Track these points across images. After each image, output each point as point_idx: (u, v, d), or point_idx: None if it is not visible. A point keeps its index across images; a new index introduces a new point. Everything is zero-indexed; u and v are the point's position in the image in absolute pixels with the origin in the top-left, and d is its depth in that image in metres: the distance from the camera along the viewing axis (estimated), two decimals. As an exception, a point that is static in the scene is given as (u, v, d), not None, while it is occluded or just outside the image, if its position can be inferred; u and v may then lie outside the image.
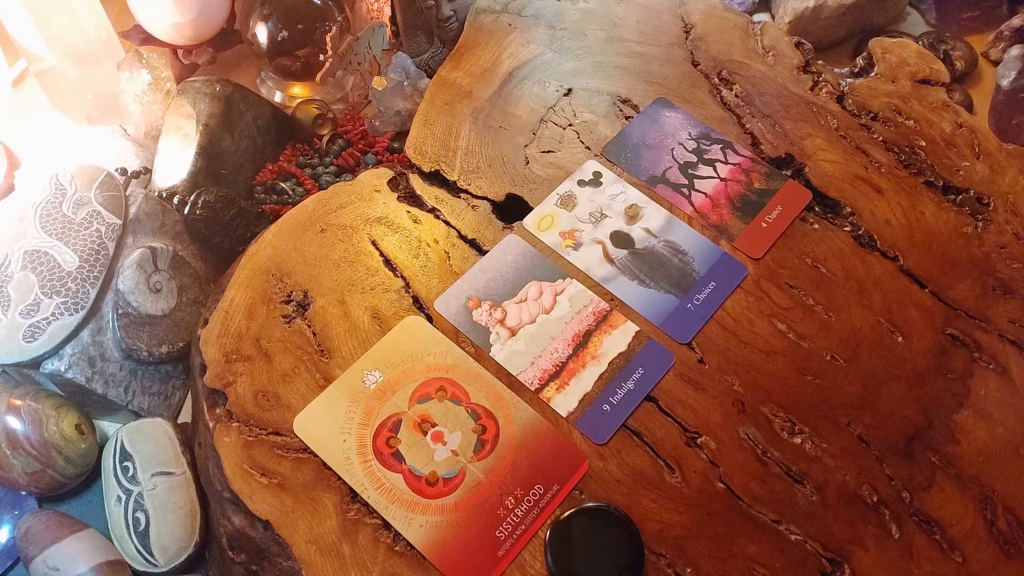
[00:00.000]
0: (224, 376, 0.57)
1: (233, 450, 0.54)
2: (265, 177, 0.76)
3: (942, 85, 0.75)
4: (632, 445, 0.55)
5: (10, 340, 0.59)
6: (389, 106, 0.78)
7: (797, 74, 0.75)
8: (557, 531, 0.51)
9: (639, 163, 0.69)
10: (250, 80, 0.86)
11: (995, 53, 0.90)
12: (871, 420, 0.57)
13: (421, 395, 0.56)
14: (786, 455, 0.55)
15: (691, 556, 0.52)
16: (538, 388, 0.57)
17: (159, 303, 0.64)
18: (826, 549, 0.52)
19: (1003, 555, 0.53)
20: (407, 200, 0.66)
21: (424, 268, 0.62)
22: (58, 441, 0.59)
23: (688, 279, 0.62)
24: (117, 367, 0.63)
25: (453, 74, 0.74)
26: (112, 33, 0.78)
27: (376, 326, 0.59)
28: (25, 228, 0.63)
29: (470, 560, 0.51)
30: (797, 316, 0.61)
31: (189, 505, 0.58)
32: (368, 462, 0.54)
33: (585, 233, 0.65)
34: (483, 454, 0.54)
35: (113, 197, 0.66)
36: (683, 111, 0.72)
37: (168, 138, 0.72)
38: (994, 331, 0.62)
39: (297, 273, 0.62)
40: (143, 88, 0.76)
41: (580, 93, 0.73)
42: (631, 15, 0.79)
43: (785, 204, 0.66)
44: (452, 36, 0.80)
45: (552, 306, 0.61)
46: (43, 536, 0.56)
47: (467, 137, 0.69)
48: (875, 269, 0.64)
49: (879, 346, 0.60)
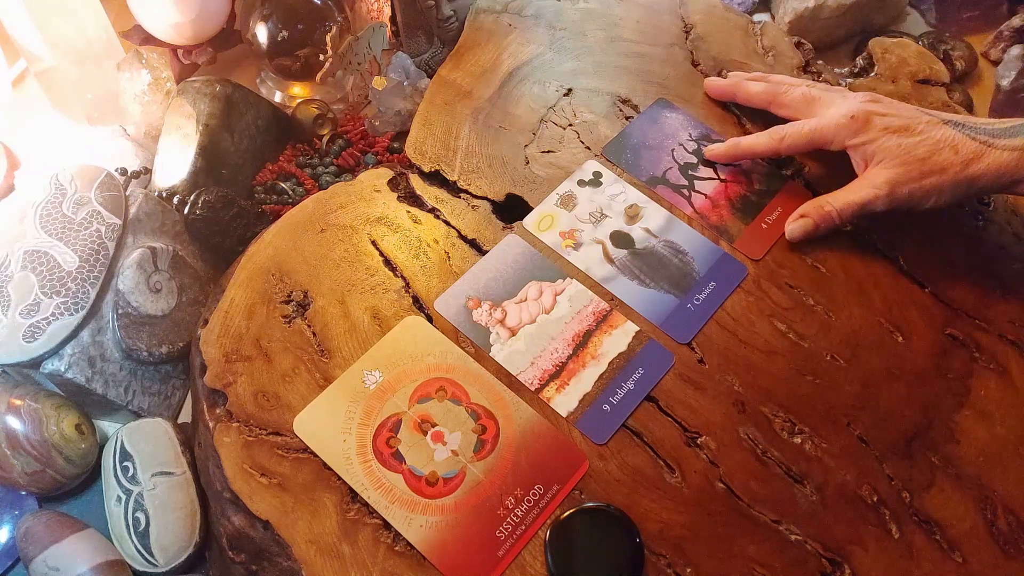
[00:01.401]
0: (224, 376, 0.57)
1: (233, 450, 0.54)
2: (265, 177, 0.76)
3: (942, 85, 0.75)
4: (632, 445, 0.55)
5: (10, 340, 0.59)
6: (389, 106, 0.78)
7: (797, 74, 0.75)
8: (557, 531, 0.51)
9: (639, 164, 0.69)
10: (250, 80, 0.86)
11: (995, 53, 0.90)
12: (871, 420, 0.57)
13: (421, 395, 0.56)
14: (786, 455, 0.55)
15: (691, 556, 0.52)
16: (538, 388, 0.57)
17: (159, 303, 0.64)
18: (826, 549, 0.52)
19: (1003, 555, 0.53)
20: (407, 200, 0.66)
21: (424, 268, 0.62)
22: (58, 441, 0.59)
23: (688, 279, 0.62)
24: (117, 367, 0.63)
25: (453, 74, 0.74)
26: (112, 33, 0.78)
27: (376, 326, 0.59)
28: (25, 228, 0.63)
29: (470, 560, 0.51)
30: (797, 316, 0.61)
31: (189, 505, 0.58)
32: (368, 462, 0.54)
33: (585, 233, 0.65)
34: (483, 454, 0.54)
35: (113, 197, 0.66)
36: (683, 112, 0.72)
37: (168, 138, 0.72)
38: (994, 331, 0.62)
39: (297, 273, 0.62)
40: (143, 88, 0.76)
41: (580, 93, 0.73)
42: (631, 15, 0.79)
43: (785, 205, 0.66)
44: (452, 36, 0.80)
45: (552, 306, 0.61)
46: (43, 536, 0.56)
47: (467, 137, 0.69)
48: (875, 269, 0.64)
49: (879, 346, 0.60)
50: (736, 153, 0.67)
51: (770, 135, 0.66)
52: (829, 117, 0.63)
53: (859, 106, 0.62)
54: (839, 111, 0.63)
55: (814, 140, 0.63)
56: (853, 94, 0.65)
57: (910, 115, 0.61)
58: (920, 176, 0.59)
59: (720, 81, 0.72)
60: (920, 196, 0.60)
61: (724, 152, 0.68)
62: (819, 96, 0.66)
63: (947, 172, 0.58)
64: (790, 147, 0.65)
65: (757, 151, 0.66)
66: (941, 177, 0.58)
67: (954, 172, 0.58)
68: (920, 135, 0.60)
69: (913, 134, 0.60)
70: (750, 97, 0.70)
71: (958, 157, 0.58)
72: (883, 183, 0.60)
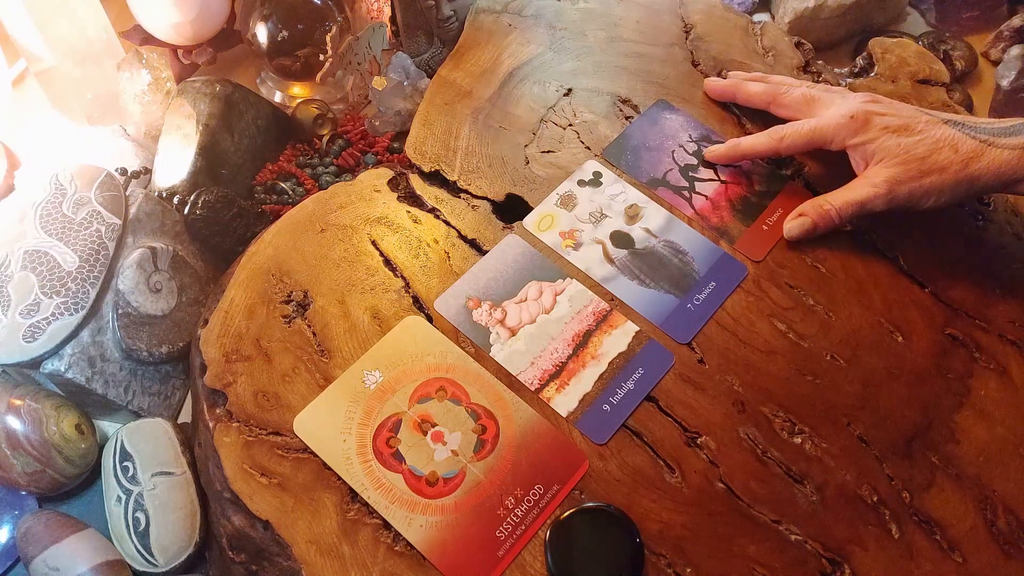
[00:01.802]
0: (224, 376, 0.57)
1: (233, 450, 0.54)
2: (265, 177, 0.76)
3: (942, 85, 0.75)
4: (632, 445, 0.55)
5: (10, 340, 0.59)
6: (389, 106, 0.79)
7: (797, 74, 0.75)
8: (557, 531, 0.51)
9: (639, 165, 0.69)
10: (250, 80, 0.86)
11: (995, 53, 0.90)
12: (871, 420, 0.57)
13: (421, 395, 0.56)
14: (786, 455, 0.55)
15: (691, 556, 0.52)
16: (538, 388, 0.57)
17: (159, 303, 0.64)
18: (826, 549, 0.52)
19: (1003, 555, 0.53)
20: (407, 200, 0.66)
21: (424, 268, 0.62)
22: (58, 441, 0.59)
23: (688, 279, 0.62)
24: (117, 367, 0.63)
25: (453, 74, 0.74)
26: (112, 33, 0.78)
27: (376, 326, 0.59)
28: (25, 228, 0.63)
29: (470, 560, 0.51)
30: (797, 316, 0.61)
31: (189, 505, 0.58)
32: (368, 462, 0.54)
33: (585, 233, 0.65)
34: (483, 454, 0.54)
35: (113, 197, 0.66)
36: (684, 113, 0.72)
37: (168, 138, 0.72)
38: (994, 331, 0.62)
39: (297, 273, 0.62)
40: (143, 88, 0.76)
41: (580, 93, 0.73)
42: (631, 15, 0.79)
43: (786, 206, 0.66)
44: (452, 36, 0.80)
45: (552, 306, 0.61)
46: (43, 536, 0.56)
47: (467, 137, 0.69)
48: (875, 269, 0.64)
49: (879, 346, 0.60)
50: (736, 154, 0.67)
51: (769, 135, 0.66)
52: (829, 117, 0.63)
53: (858, 106, 0.62)
54: (839, 111, 0.63)
55: (813, 140, 0.64)
56: (853, 94, 0.65)
57: (909, 115, 0.61)
58: (920, 175, 0.59)
59: (720, 82, 0.72)
60: (920, 195, 0.59)
61: (724, 153, 0.68)
62: (819, 96, 0.66)
63: (947, 171, 0.58)
64: (790, 147, 0.65)
65: (757, 151, 0.66)
66: (941, 176, 0.58)
67: (954, 171, 0.58)
68: (919, 134, 0.60)
69: (912, 133, 0.60)
70: (750, 97, 0.70)
71: (958, 156, 0.58)
72: (882, 182, 0.60)
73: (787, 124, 0.66)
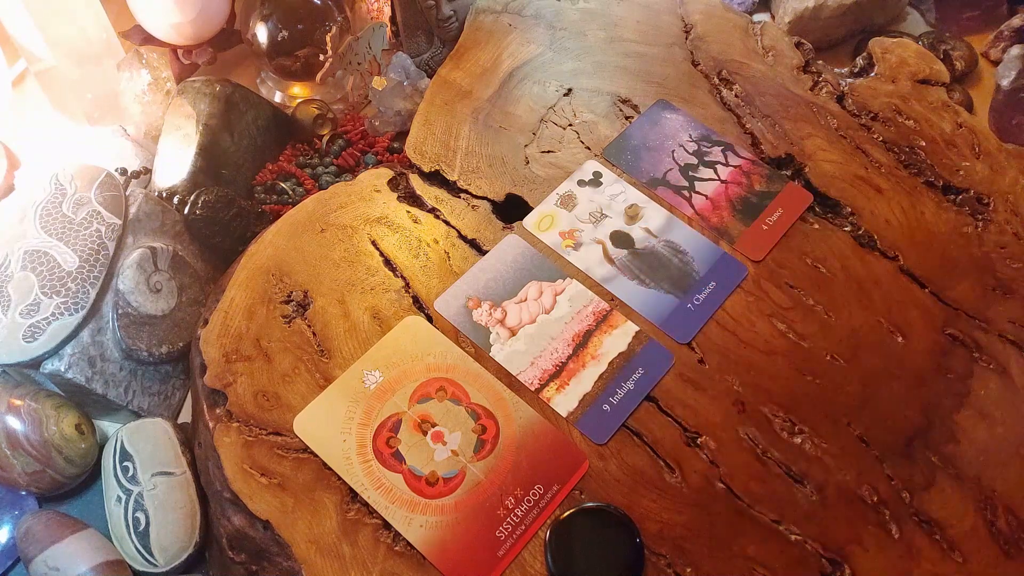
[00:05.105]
0: (224, 376, 0.57)
1: (233, 450, 0.54)
2: (265, 177, 0.76)
3: (942, 85, 0.75)
4: (632, 445, 0.55)
5: (10, 340, 0.59)
6: (389, 106, 0.79)
7: (797, 74, 0.75)
8: (557, 531, 0.51)
9: (639, 165, 0.69)
10: (250, 80, 0.86)
11: (995, 53, 0.90)
12: (871, 420, 0.57)
13: (421, 395, 0.56)
14: (786, 455, 0.55)
15: (691, 556, 0.52)
16: (538, 388, 0.57)
17: (159, 303, 0.64)
18: (826, 549, 0.52)
19: (1003, 555, 0.53)
20: (407, 200, 0.66)
21: (424, 268, 0.62)
22: (58, 441, 0.59)
23: (688, 279, 0.62)
24: (117, 367, 0.63)
25: (453, 74, 0.74)
26: (112, 33, 0.78)
27: (376, 326, 0.59)
28: (25, 228, 0.63)
29: (470, 560, 0.51)
30: (797, 316, 0.61)
31: (189, 505, 0.58)
32: (368, 462, 0.54)
33: (585, 233, 0.65)
34: (483, 454, 0.54)
35: (113, 197, 0.66)
36: (684, 113, 0.72)
37: (168, 138, 0.72)
38: (994, 331, 0.62)
39: (297, 273, 0.62)
40: (143, 88, 0.76)
41: (580, 93, 0.73)
42: (631, 15, 0.79)
43: (786, 207, 0.66)
44: (452, 36, 0.80)
45: (552, 306, 0.61)
46: (43, 536, 0.56)
47: (467, 137, 0.69)
48: (875, 269, 0.64)
49: (879, 346, 0.60)
50: None
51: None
52: None
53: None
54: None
55: None
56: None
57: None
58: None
59: None
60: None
61: None
62: None
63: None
64: None
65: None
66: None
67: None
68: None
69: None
70: None
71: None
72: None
73: None
